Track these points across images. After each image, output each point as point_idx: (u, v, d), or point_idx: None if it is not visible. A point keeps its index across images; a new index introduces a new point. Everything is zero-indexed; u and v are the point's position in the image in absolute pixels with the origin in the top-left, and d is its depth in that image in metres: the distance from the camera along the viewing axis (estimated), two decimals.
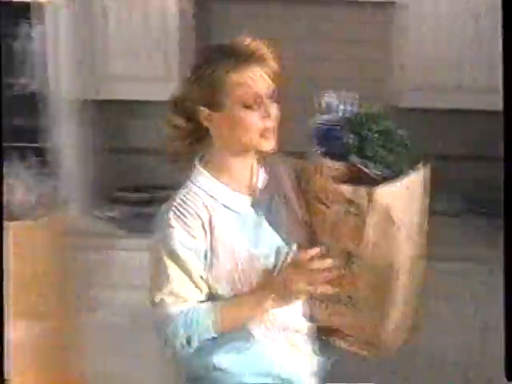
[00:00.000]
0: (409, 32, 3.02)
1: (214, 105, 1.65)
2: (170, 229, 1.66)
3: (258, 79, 1.64)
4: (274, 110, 1.67)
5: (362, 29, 3.24)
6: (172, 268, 1.68)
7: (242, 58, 1.63)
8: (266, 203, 1.77)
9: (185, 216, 1.67)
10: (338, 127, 1.72)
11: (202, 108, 1.67)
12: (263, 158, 1.79)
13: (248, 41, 1.66)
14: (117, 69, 3.07)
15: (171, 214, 1.67)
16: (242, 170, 1.76)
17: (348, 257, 1.68)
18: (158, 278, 1.70)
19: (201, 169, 1.74)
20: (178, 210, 1.68)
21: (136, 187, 3.32)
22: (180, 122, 1.74)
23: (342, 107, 1.77)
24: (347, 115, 1.75)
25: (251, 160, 1.77)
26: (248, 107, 1.63)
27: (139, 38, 3.04)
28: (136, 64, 3.05)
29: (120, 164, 3.37)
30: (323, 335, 1.82)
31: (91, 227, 3.07)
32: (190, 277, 1.68)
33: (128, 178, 3.36)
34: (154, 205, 3.22)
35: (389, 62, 3.16)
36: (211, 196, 1.71)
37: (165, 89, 2.95)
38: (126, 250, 2.92)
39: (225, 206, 1.70)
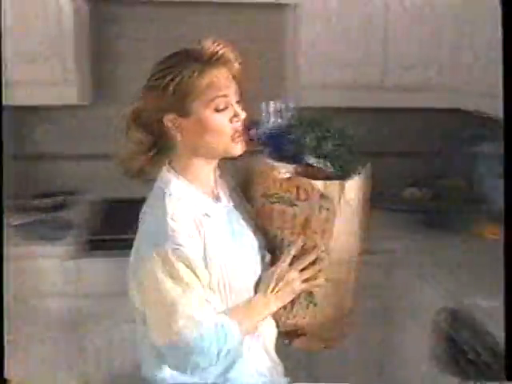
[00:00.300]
0: (303, 31, 3.06)
1: (182, 110, 1.62)
2: (176, 235, 1.57)
3: (224, 81, 1.64)
4: (241, 112, 1.67)
5: (257, 29, 3.28)
6: (189, 275, 1.58)
7: (208, 60, 1.62)
8: (232, 212, 1.77)
9: (181, 220, 1.60)
10: (286, 132, 1.76)
11: (169, 115, 1.63)
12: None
13: (211, 43, 1.64)
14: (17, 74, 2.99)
15: (170, 221, 1.58)
16: (209, 177, 1.74)
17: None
18: (174, 290, 1.56)
19: (175, 174, 1.69)
20: (175, 214, 1.60)
21: (45, 193, 3.23)
22: (143, 135, 1.69)
23: (288, 113, 1.81)
24: (291, 120, 1.79)
25: (214, 167, 1.75)
26: (217, 110, 1.63)
27: (34, 41, 2.92)
28: (35, 68, 2.92)
29: (29, 171, 3.29)
30: (282, 339, 1.86)
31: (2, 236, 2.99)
32: (200, 282, 1.60)
33: (37, 185, 3.27)
34: (65, 210, 3.20)
35: (284, 61, 3.24)
36: (190, 204, 1.66)
37: (63, 93, 3.00)
38: (38, 257, 2.88)
39: (203, 212, 1.67)
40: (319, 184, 1.68)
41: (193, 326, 1.55)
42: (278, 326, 1.83)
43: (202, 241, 1.63)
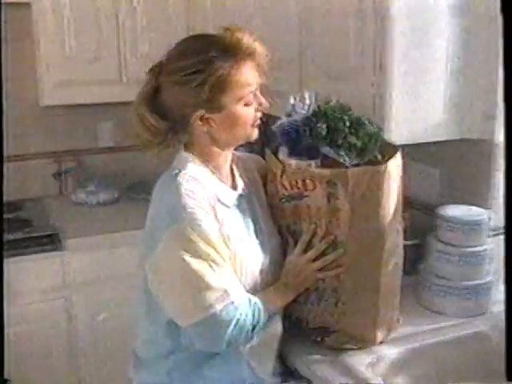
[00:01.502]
0: (40, 29, 3.04)
1: (213, 107, 1.59)
2: (193, 211, 1.53)
3: (254, 74, 1.61)
4: (264, 101, 1.66)
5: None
6: (211, 250, 1.53)
7: (241, 55, 1.58)
8: (247, 200, 1.73)
9: (198, 198, 1.56)
10: (300, 125, 1.72)
11: (198, 111, 1.59)
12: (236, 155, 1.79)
13: (248, 37, 1.59)
14: None
15: (186, 198, 1.55)
16: (225, 164, 1.72)
17: (333, 244, 1.68)
18: (200, 264, 1.51)
19: (192, 157, 1.66)
20: (191, 191, 1.56)
21: None
22: (159, 122, 1.62)
23: (304, 107, 1.77)
24: (308, 113, 1.75)
25: (231, 155, 1.74)
26: (246, 104, 1.62)
27: None
28: None
29: None
30: (314, 337, 1.79)
31: None
32: (223, 258, 1.56)
33: None
34: None
35: (33, 60, 3.14)
36: (205, 186, 1.62)
37: None
38: None
39: (218, 198, 1.64)
40: (325, 172, 1.64)
41: (226, 297, 1.52)
42: (308, 323, 1.79)
43: (217, 221, 1.59)
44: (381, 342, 1.78)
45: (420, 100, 1.95)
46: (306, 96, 1.80)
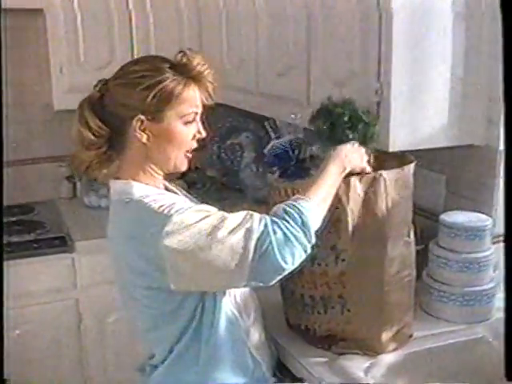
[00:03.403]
0: (50, 35, 3.09)
1: (155, 115, 1.60)
2: (167, 208, 1.54)
3: (199, 99, 1.65)
4: (203, 130, 1.68)
5: (15, 35, 3.22)
6: (205, 211, 1.56)
7: (190, 75, 1.63)
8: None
9: (158, 200, 1.58)
10: (289, 148, 1.80)
11: (140, 116, 1.59)
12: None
13: (200, 61, 1.65)
14: None
15: (153, 204, 1.56)
16: (159, 185, 1.71)
17: (334, 253, 1.71)
18: (212, 224, 1.52)
19: (130, 180, 1.64)
20: (152, 199, 1.58)
21: None
22: (101, 126, 1.63)
23: (288, 129, 1.87)
24: (293, 135, 1.85)
25: (162, 179, 1.73)
26: (186, 123, 1.64)
27: None
28: None
29: None
30: (321, 346, 1.82)
31: None
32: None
33: None
34: None
35: (46, 65, 3.19)
36: (156, 192, 1.64)
37: None
38: None
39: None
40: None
41: (248, 231, 1.51)
42: (315, 332, 1.82)
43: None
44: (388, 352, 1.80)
45: (423, 105, 1.95)
46: (293, 116, 1.88)
